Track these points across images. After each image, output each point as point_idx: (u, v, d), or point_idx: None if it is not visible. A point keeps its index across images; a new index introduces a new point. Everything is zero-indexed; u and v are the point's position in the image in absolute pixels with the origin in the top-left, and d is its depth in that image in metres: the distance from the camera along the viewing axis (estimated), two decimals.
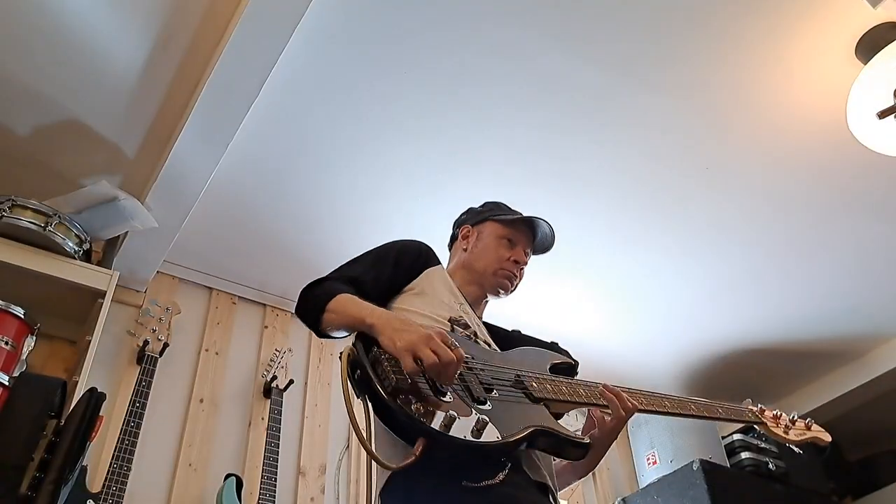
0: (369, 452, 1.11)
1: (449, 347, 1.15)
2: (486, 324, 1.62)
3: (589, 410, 1.45)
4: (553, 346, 1.62)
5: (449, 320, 1.46)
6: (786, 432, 1.78)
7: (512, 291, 1.68)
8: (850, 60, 2.21)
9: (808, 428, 1.82)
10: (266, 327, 3.02)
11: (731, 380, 3.66)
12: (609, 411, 1.41)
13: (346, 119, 2.38)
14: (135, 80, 2.19)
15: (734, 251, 2.94)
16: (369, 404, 1.17)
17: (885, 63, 2.09)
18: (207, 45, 2.08)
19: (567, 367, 1.55)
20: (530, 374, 1.38)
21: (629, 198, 2.70)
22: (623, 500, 3.32)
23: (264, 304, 3.08)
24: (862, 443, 3.83)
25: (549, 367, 1.51)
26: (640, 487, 3.29)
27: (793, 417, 1.82)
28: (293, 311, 3.05)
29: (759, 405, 1.84)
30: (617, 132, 2.46)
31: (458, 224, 1.80)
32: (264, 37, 1.97)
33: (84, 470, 2.07)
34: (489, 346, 1.50)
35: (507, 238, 1.68)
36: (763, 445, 3.33)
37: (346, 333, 1.35)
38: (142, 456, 2.27)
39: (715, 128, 2.45)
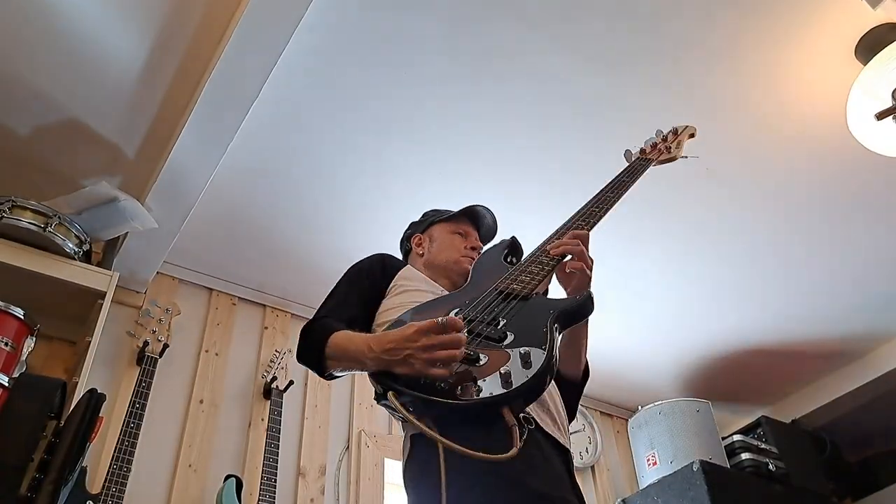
0: (481, 458, 1.04)
1: (444, 328, 1.15)
2: None
3: (557, 272, 1.48)
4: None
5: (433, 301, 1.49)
6: (669, 152, 1.85)
7: None
8: (849, 61, 2.21)
9: (677, 133, 1.90)
10: (266, 328, 3.02)
11: (732, 380, 3.66)
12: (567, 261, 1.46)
13: (346, 120, 2.38)
14: (135, 80, 2.19)
15: (734, 252, 2.94)
16: (429, 425, 1.12)
17: (884, 64, 2.10)
18: (208, 45, 2.08)
19: (512, 246, 1.65)
20: (504, 281, 1.40)
21: (630, 198, 2.70)
22: (623, 500, 3.31)
23: (264, 305, 3.08)
24: (862, 444, 3.82)
25: (502, 259, 1.59)
26: (640, 488, 3.29)
27: (664, 136, 1.89)
28: (293, 313, 3.10)
29: (639, 147, 1.89)
30: (617, 133, 2.46)
31: (406, 238, 1.91)
32: (264, 37, 1.97)
33: (84, 471, 2.07)
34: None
35: (457, 232, 1.82)
36: (763, 446, 3.33)
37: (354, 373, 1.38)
38: (142, 457, 2.27)
39: (715, 129, 2.45)
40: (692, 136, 1.95)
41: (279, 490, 2.40)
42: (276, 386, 2.71)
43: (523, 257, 1.54)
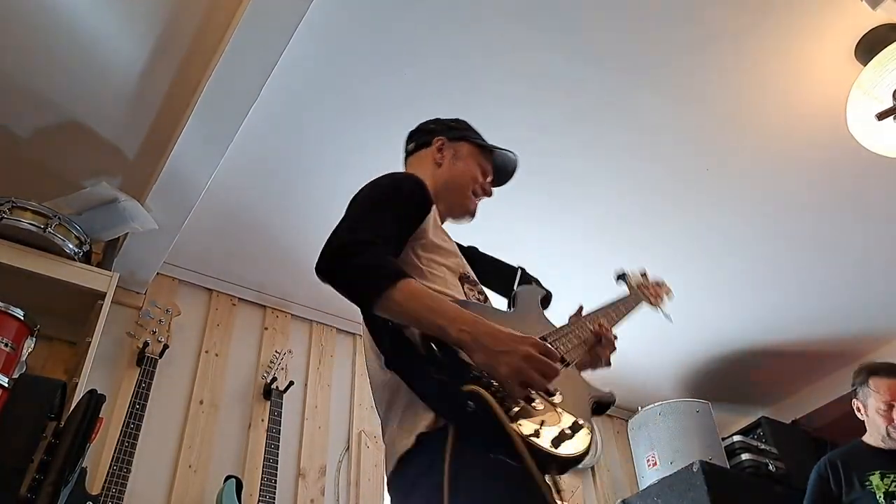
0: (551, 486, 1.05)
1: (549, 354, 1.12)
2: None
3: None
4: (525, 275, 1.66)
5: (459, 278, 1.41)
6: (659, 301, 2.00)
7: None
8: (849, 61, 2.21)
9: (661, 286, 2.06)
10: (266, 329, 3.02)
11: (732, 381, 3.66)
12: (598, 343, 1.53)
13: (345, 120, 2.38)
14: (135, 81, 2.19)
15: (735, 252, 2.94)
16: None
17: (884, 64, 2.10)
18: (208, 46, 2.09)
19: (545, 300, 1.60)
20: (552, 336, 1.36)
21: (629, 198, 2.70)
22: (623, 501, 3.31)
23: (264, 306, 3.08)
24: None
25: (539, 302, 1.56)
26: (641, 489, 3.29)
27: (656, 283, 2.02)
28: (293, 313, 3.10)
29: (641, 282, 2.02)
30: (616, 133, 2.46)
31: (429, 132, 1.68)
32: (264, 38, 1.97)
33: (84, 471, 2.07)
34: (488, 299, 1.52)
35: (482, 165, 1.64)
36: (763, 447, 3.33)
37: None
38: (142, 458, 2.27)
39: (715, 129, 2.45)
40: (668, 293, 2.07)
41: (279, 491, 2.40)
42: (276, 387, 2.71)
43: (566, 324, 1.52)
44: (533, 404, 1.12)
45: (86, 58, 2.11)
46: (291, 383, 2.76)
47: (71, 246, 2.31)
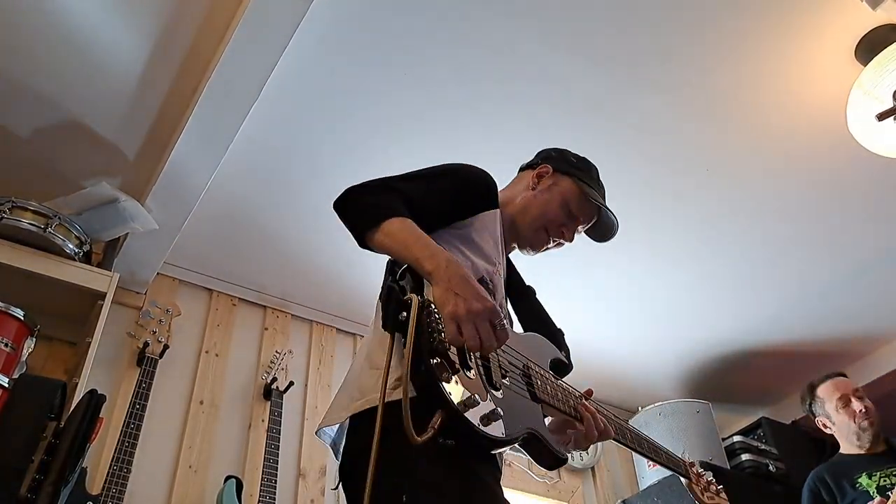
0: (406, 417, 1.02)
1: (495, 328, 1.14)
2: (507, 262, 1.60)
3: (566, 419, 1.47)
4: (558, 338, 1.62)
5: (480, 280, 1.40)
6: (702, 493, 1.91)
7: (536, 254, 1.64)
8: (849, 62, 2.21)
9: (718, 494, 1.94)
10: (266, 329, 3.02)
11: (732, 381, 3.66)
12: (581, 426, 1.41)
13: (345, 120, 2.38)
14: (135, 82, 2.19)
15: (735, 252, 2.94)
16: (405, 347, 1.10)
17: (884, 65, 2.09)
18: (207, 47, 2.09)
19: (560, 366, 1.55)
20: (537, 369, 1.40)
21: (629, 199, 2.70)
22: (623, 501, 3.32)
23: (264, 306, 3.08)
24: None
25: (549, 361, 1.53)
26: (641, 489, 3.29)
27: (710, 479, 1.95)
28: (293, 314, 3.10)
29: (691, 460, 1.96)
30: (617, 132, 2.46)
31: (543, 157, 1.71)
32: (264, 40, 1.97)
33: (84, 471, 2.07)
34: (509, 317, 1.52)
35: (572, 209, 1.59)
36: (763, 447, 3.33)
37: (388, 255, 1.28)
38: (142, 458, 2.27)
39: (715, 129, 2.45)
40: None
41: (279, 491, 2.40)
42: (277, 387, 2.71)
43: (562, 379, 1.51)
44: (468, 372, 1.15)
45: (86, 57, 2.11)
46: (292, 383, 2.76)
47: (71, 246, 2.31)
